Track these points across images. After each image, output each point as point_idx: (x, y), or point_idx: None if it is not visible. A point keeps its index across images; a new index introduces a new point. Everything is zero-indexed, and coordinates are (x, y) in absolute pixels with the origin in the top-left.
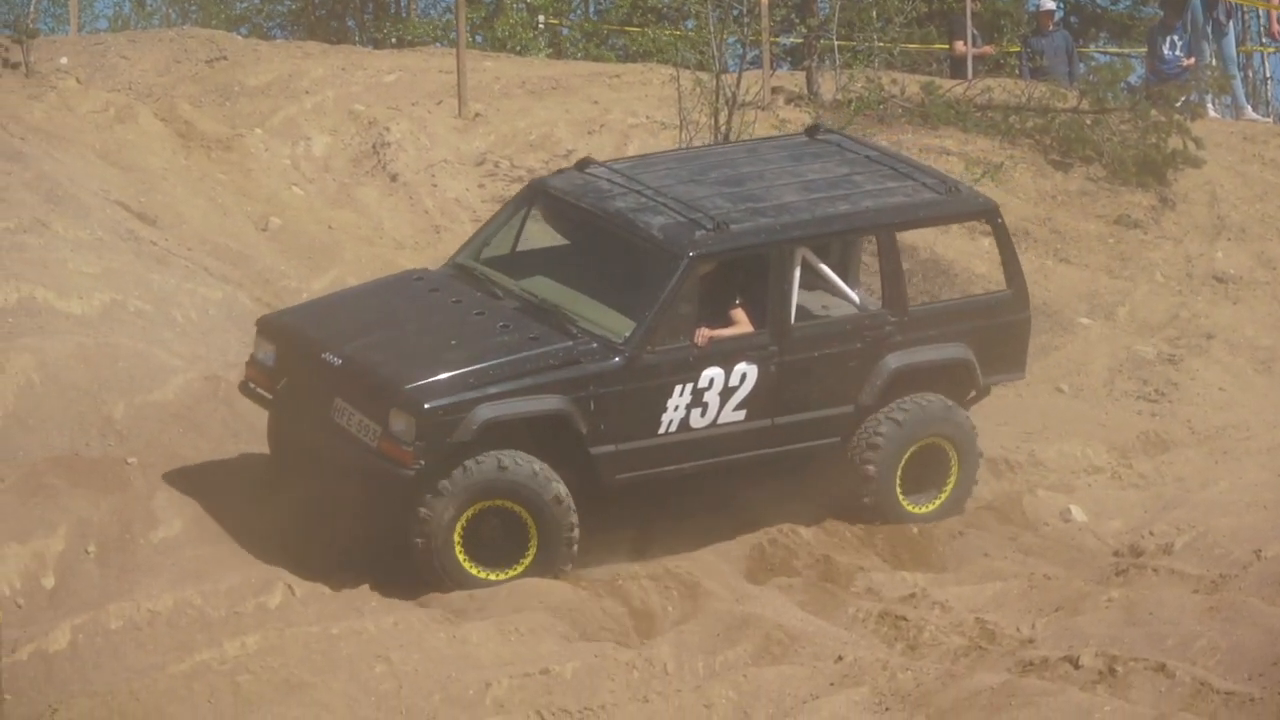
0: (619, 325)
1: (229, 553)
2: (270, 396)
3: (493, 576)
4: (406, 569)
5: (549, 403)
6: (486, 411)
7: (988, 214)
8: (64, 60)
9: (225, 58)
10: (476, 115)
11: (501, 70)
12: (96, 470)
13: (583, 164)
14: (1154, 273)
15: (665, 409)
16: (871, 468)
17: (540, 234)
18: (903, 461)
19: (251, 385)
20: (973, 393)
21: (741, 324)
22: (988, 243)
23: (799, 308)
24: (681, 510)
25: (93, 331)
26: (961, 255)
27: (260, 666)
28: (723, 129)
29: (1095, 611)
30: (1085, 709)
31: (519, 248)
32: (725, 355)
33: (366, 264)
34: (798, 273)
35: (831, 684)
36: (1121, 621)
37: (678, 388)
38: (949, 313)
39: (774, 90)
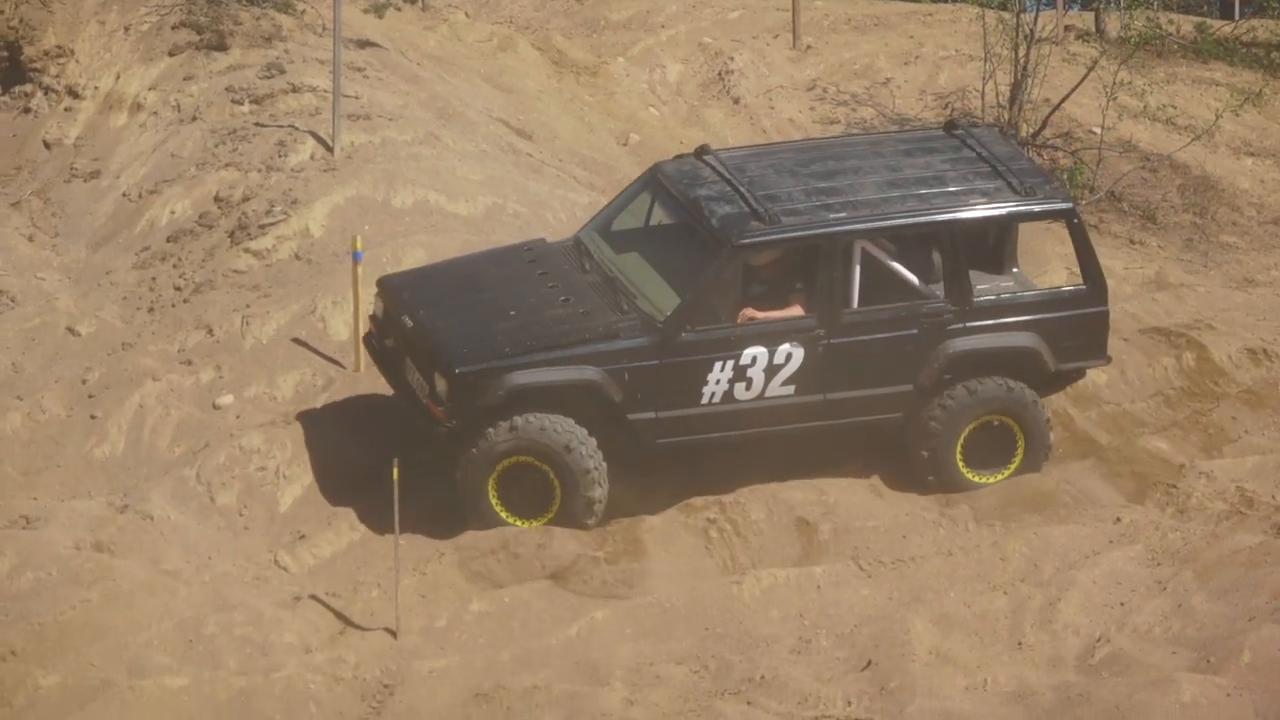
0: (669, 304)
1: None
2: (378, 349)
3: (526, 523)
4: None
5: (581, 372)
6: (516, 378)
7: (1064, 215)
8: None
9: None
10: (808, 47)
11: (830, 9)
12: None
13: (700, 151)
14: None
15: (706, 382)
16: (930, 441)
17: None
18: (962, 436)
19: (372, 339)
20: (1053, 375)
21: (797, 308)
22: (1250, 161)
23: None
24: None
25: (476, 230)
26: (1228, 173)
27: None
28: (1021, 61)
29: None
30: None
31: (650, 224)
32: (769, 336)
33: None
34: (856, 263)
35: (1110, 541)
36: None
37: (718, 363)
38: (1017, 304)
39: (1066, 28)
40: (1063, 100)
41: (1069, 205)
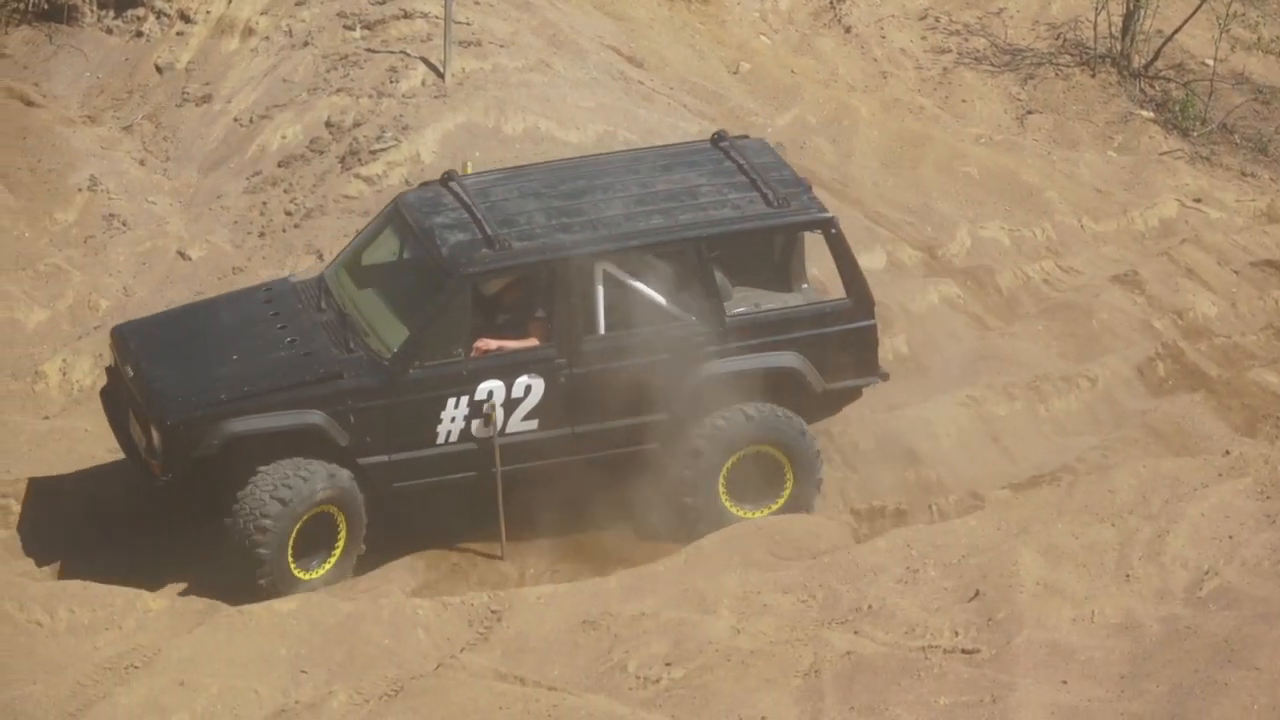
0: (398, 340)
1: None
2: (110, 402)
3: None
4: None
5: (301, 417)
6: (232, 426)
7: (821, 225)
8: None
9: None
10: None
11: None
12: None
13: (446, 176)
14: None
15: (440, 420)
16: (690, 474)
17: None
18: (725, 469)
19: (106, 393)
20: (823, 396)
21: (535, 338)
22: None
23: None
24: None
25: None
26: None
27: None
28: None
29: None
30: None
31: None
32: (505, 368)
33: (823, 104)
34: (598, 287)
35: (1219, 475)
36: None
37: (451, 400)
38: (775, 322)
39: None
40: (1175, 31)
41: (826, 216)
